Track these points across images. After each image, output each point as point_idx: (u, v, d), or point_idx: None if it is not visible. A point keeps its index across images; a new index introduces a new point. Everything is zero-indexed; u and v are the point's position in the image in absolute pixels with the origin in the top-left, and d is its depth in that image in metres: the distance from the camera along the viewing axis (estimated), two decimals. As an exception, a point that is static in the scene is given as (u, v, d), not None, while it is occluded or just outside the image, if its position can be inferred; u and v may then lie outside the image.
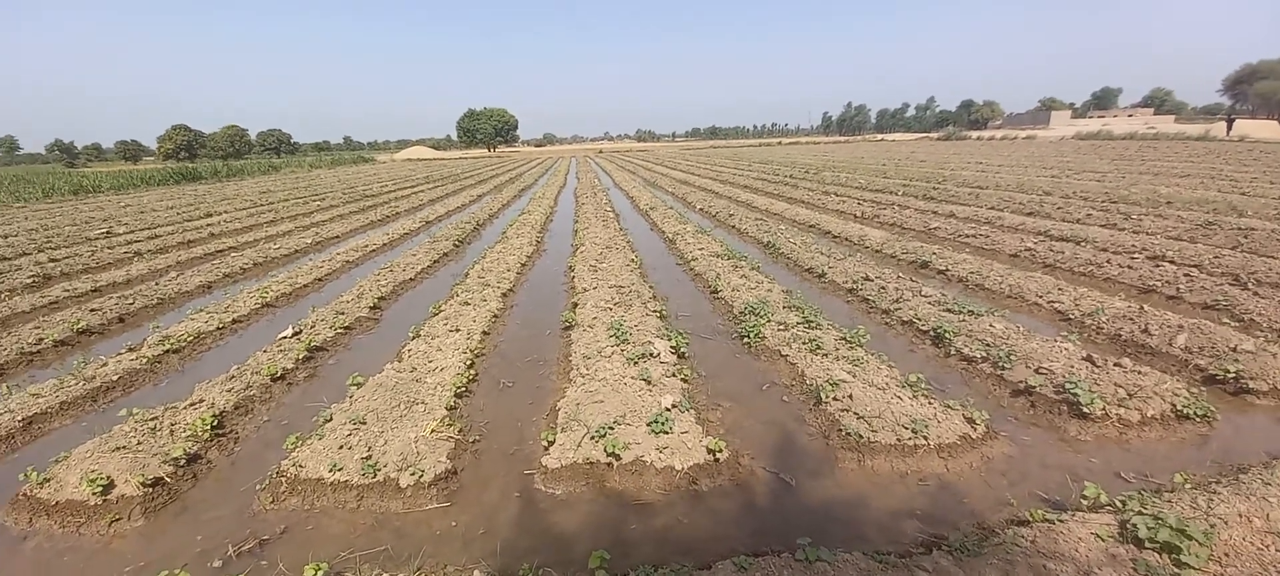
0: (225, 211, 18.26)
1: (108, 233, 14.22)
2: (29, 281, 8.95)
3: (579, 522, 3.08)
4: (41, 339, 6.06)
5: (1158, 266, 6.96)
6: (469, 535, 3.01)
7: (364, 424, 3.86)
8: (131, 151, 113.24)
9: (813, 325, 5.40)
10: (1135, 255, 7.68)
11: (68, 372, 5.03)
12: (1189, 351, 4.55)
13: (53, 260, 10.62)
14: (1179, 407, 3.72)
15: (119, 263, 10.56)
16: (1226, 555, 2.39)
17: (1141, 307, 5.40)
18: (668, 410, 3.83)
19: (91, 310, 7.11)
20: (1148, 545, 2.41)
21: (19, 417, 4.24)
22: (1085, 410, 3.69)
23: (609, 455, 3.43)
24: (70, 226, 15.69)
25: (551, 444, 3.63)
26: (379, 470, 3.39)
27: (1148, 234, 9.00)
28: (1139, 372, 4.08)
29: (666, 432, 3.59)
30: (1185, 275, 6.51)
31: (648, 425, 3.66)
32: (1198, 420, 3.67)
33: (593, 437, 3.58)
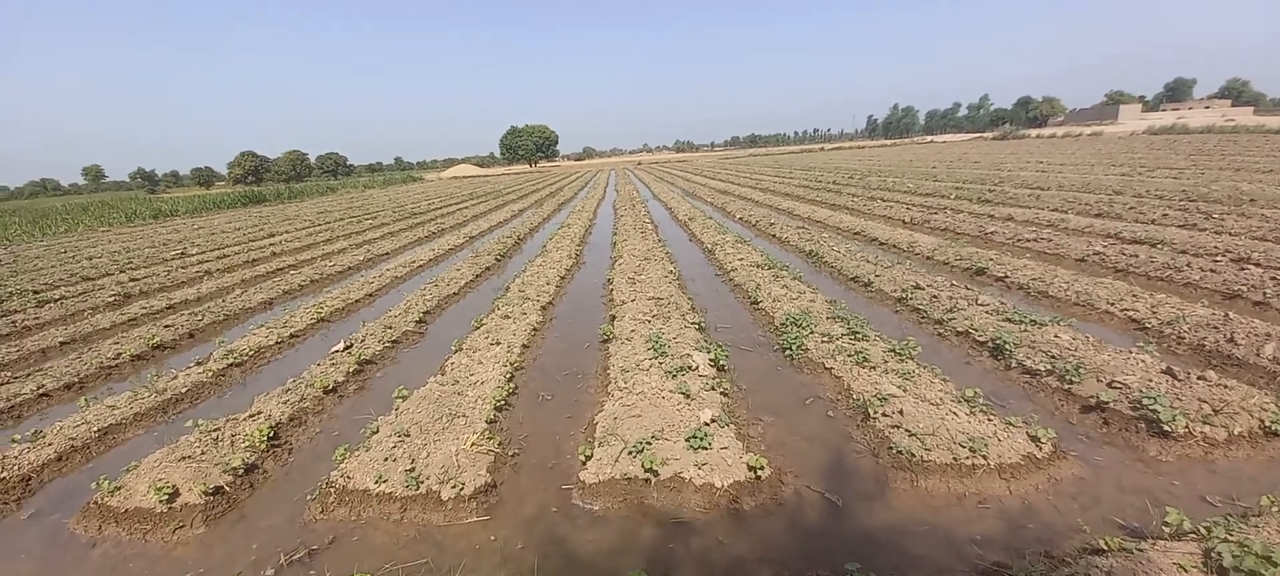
0: (286, 232, 19.30)
1: (182, 254, 15.26)
2: (111, 299, 9.68)
3: (616, 540, 3.02)
4: (120, 354, 6.51)
5: (1243, 270, 6.37)
6: (507, 549, 3.00)
7: (408, 436, 3.94)
8: (205, 177, 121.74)
9: (859, 336, 5.20)
10: (1218, 258, 7.07)
11: (141, 385, 5.37)
12: (1278, 362, 4.12)
13: (133, 280, 11.47)
14: (1268, 424, 3.37)
15: (191, 281, 11.30)
16: (1314, 583, 2.15)
17: (1226, 315, 4.94)
18: (707, 425, 3.75)
19: (165, 326, 7.61)
20: (1233, 574, 2.19)
21: (94, 428, 4.54)
22: (1166, 428, 3.38)
23: (647, 471, 3.37)
24: (149, 248, 16.93)
25: (589, 458, 3.60)
26: (422, 482, 3.45)
27: (1231, 235, 8.28)
28: (1224, 386, 3.72)
29: (706, 448, 3.50)
30: (1272, 279, 5.94)
31: (686, 440, 3.58)
32: (1289, 438, 3.32)
33: (630, 453, 3.53)
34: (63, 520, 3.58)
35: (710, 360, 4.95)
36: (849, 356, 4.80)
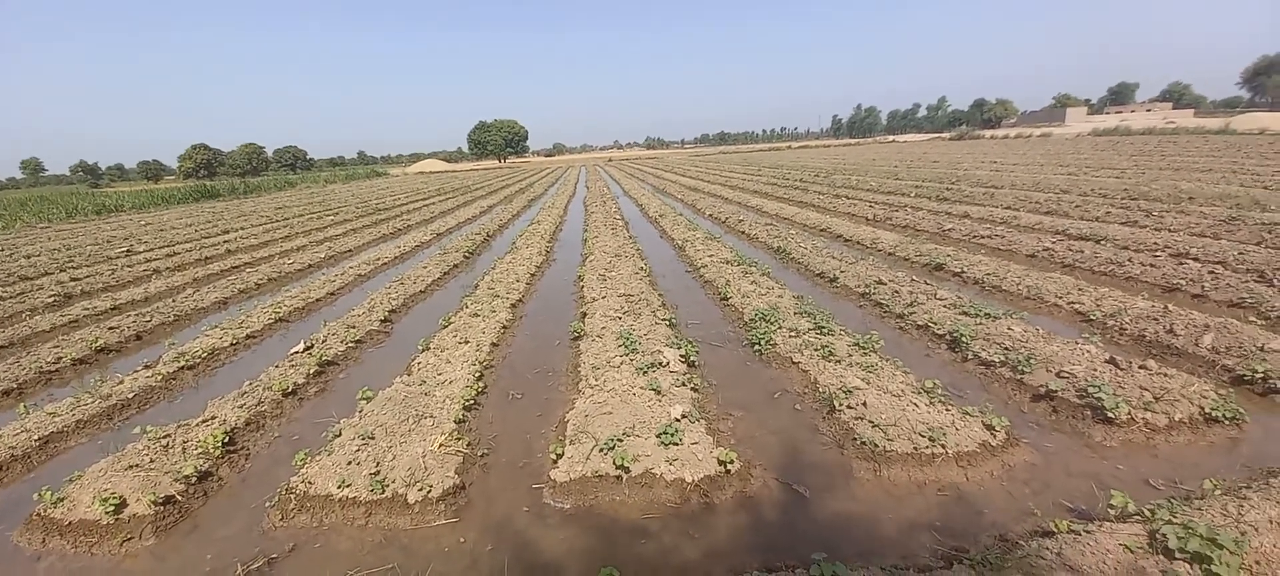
0: (241, 228, 18.55)
1: (128, 251, 14.51)
2: (50, 300, 9.13)
3: (588, 537, 3.02)
4: (60, 358, 6.15)
5: (1181, 264, 6.76)
6: (476, 551, 2.97)
7: (373, 439, 3.85)
8: (153, 171, 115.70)
9: (825, 331, 5.31)
10: (1157, 253, 7.48)
11: (85, 391, 5.09)
12: (1216, 351, 4.40)
13: (74, 279, 10.85)
14: (1207, 410, 3.59)
15: (138, 281, 10.75)
16: (1258, 563, 2.31)
17: (1166, 307, 5.24)
18: (677, 421, 3.77)
19: (110, 328, 7.22)
20: (1178, 555, 2.32)
21: (35, 437, 4.29)
22: (1110, 414, 3.57)
23: (618, 468, 3.37)
24: (92, 245, 16.04)
25: (560, 457, 3.59)
26: (387, 486, 3.37)
27: (1170, 231, 8.78)
28: (1165, 375, 3.95)
29: (676, 444, 3.53)
30: (1210, 272, 6.32)
31: (657, 436, 3.60)
32: (1226, 423, 3.54)
33: (601, 450, 3.53)
34: (6, 532, 3.37)
35: (681, 356, 4.98)
36: (815, 351, 4.91)
